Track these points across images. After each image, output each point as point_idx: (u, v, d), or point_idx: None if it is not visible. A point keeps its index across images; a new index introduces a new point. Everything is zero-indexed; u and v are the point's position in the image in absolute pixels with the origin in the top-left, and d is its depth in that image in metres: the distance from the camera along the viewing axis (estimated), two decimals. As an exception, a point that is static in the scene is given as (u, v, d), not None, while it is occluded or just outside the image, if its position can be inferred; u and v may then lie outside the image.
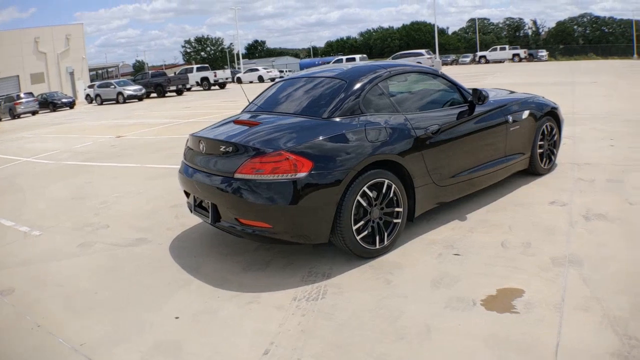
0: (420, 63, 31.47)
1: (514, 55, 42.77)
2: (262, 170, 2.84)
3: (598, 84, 14.40)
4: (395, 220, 3.24)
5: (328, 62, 29.00)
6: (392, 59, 31.60)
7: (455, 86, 3.94)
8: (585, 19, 72.70)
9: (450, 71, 29.85)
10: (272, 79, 36.88)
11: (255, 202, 2.85)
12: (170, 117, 14.57)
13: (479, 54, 46.24)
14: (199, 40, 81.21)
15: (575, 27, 75.08)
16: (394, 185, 3.17)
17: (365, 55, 26.43)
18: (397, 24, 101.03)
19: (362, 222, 3.05)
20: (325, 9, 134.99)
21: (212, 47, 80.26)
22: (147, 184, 5.98)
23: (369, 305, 2.60)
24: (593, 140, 6.17)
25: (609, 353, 2.04)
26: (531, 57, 45.20)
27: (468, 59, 47.73)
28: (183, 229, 4.12)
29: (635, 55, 46.71)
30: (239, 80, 36.46)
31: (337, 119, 3.15)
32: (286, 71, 46.48)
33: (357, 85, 3.34)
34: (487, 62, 43.16)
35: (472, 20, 79.42)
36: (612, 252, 2.97)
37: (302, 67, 54.72)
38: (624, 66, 27.92)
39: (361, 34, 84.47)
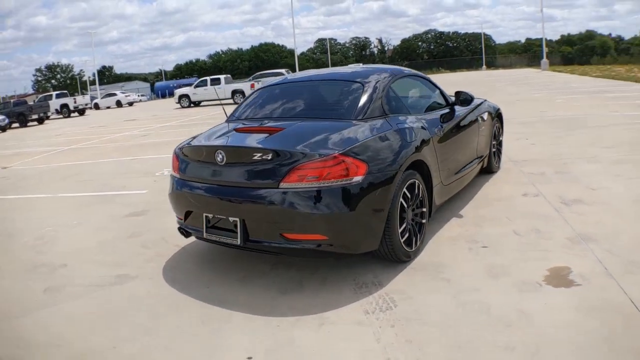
0: None
1: None
2: (315, 177, 2.74)
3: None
4: (422, 221, 3.46)
5: (189, 84, 30.41)
6: (253, 78, 33.62)
7: (438, 89, 4.40)
8: (429, 35, 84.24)
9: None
10: (130, 103, 39.26)
11: (308, 213, 2.73)
12: (48, 145, 13.86)
13: None
14: (49, 67, 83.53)
15: (420, 43, 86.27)
16: (421, 186, 3.39)
17: (229, 76, 27.21)
18: (242, 46, 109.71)
19: (404, 225, 3.19)
20: (169, 33, 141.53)
21: (63, 75, 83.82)
22: (78, 214, 5.41)
23: (451, 304, 2.69)
24: (512, 141, 7.32)
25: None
26: None
27: None
28: (165, 259, 3.76)
29: (484, 66, 55.92)
30: (97, 106, 37.59)
31: (369, 121, 3.23)
32: (139, 95, 46.22)
33: (375, 87, 3.46)
34: None
35: (320, 41, 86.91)
36: (611, 227, 3.58)
37: (157, 90, 54.42)
38: (480, 77, 33.28)
39: (210, 56, 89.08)
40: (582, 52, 60.46)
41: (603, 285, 2.79)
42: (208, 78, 26.21)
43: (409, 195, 3.21)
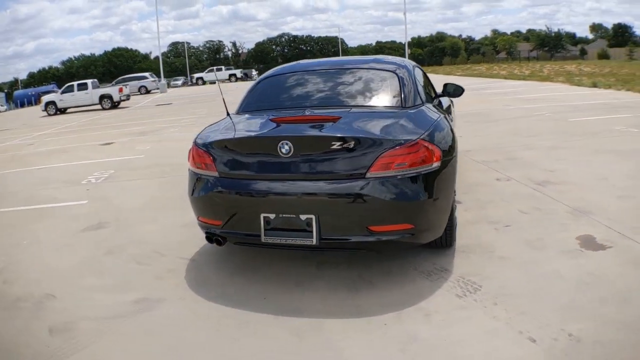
0: (145, 87, 33.26)
1: (231, 75, 48.78)
2: (402, 164, 2.86)
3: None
4: (455, 205, 3.80)
5: (49, 92, 30.44)
6: (116, 82, 32.83)
7: (428, 80, 4.81)
8: (283, 39, 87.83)
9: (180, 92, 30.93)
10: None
11: (400, 202, 2.85)
12: None
13: (196, 75, 50.72)
14: None
15: (274, 47, 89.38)
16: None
17: (96, 80, 26.46)
18: (92, 52, 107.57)
19: (455, 210, 3.50)
20: (21, 41, 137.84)
21: None
22: (21, 232, 4.88)
23: (526, 277, 3.08)
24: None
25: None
26: (245, 77, 51.66)
27: (180, 82, 51.01)
28: (179, 275, 3.53)
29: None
30: None
31: (415, 108, 3.43)
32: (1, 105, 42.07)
33: (408, 76, 3.70)
34: (204, 83, 47.55)
35: (173, 44, 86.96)
36: (593, 202, 4.36)
37: (16, 99, 50.49)
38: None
39: (63, 63, 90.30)
40: (432, 53, 67.93)
41: (628, 245, 3.48)
42: (75, 83, 25.39)
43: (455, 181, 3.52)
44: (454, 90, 4.76)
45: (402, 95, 3.51)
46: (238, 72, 50.94)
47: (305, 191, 2.94)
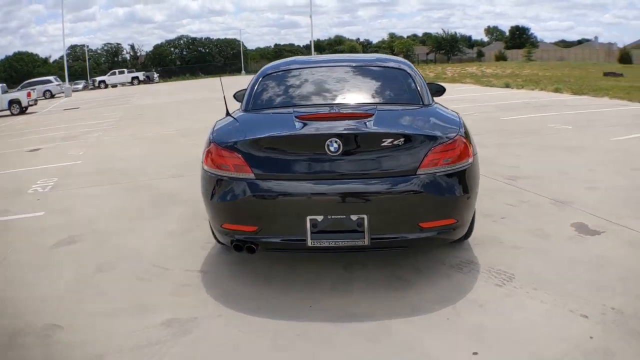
0: (50, 91, 31.50)
1: (133, 78, 47.33)
2: (448, 160, 2.98)
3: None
4: None
5: None
6: (22, 87, 31.80)
7: None
8: (182, 41, 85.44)
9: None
10: None
11: (447, 197, 2.97)
12: None
13: (99, 78, 50.27)
14: None
15: (172, 49, 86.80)
16: None
17: (4, 85, 24.95)
18: None
19: None
20: None
21: None
22: None
23: (547, 264, 3.36)
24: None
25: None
26: (148, 79, 49.89)
27: (81, 85, 48.38)
28: (197, 290, 3.32)
29: (244, 72, 58.27)
30: None
31: (432, 105, 3.58)
32: None
33: (415, 74, 3.82)
34: (107, 86, 45.46)
35: (71, 48, 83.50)
36: (567, 193, 4.83)
37: None
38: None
39: None
40: (331, 56, 69.09)
41: (616, 229, 3.94)
42: None
43: None
44: (431, 88, 4.94)
45: (418, 93, 3.64)
46: (140, 75, 50.40)
47: (357, 190, 2.94)
